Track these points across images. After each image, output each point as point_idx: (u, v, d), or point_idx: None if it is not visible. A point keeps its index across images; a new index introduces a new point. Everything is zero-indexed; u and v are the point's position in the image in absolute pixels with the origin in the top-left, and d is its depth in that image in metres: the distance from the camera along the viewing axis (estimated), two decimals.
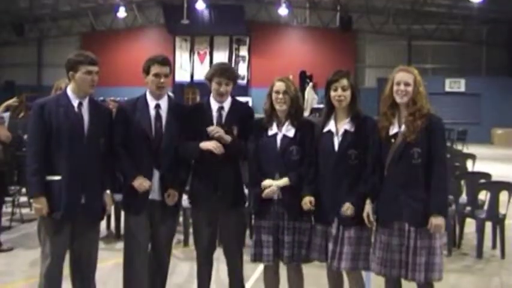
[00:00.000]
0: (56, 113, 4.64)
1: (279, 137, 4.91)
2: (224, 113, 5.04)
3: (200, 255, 5.22)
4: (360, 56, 33.97)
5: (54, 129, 4.61)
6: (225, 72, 5.03)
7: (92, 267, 4.92)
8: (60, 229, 4.66)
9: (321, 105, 10.86)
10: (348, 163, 4.72)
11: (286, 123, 4.92)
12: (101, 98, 16.51)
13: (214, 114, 5.04)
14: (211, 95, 5.09)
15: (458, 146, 21.54)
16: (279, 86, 4.90)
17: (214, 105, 5.06)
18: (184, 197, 5.36)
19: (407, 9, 30.52)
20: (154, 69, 4.92)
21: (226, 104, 5.07)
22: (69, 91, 4.75)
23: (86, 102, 4.75)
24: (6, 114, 8.64)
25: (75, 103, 4.70)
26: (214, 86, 5.02)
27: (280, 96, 4.87)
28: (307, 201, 4.75)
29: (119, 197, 5.27)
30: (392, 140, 4.60)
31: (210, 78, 5.04)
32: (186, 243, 7.94)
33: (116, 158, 4.94)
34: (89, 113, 4.73)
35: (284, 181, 4.81)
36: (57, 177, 4.62)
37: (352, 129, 4.76)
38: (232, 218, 5.13)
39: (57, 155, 4.63)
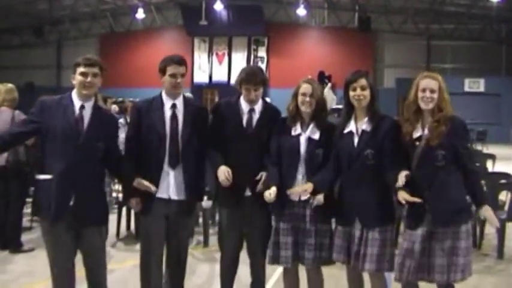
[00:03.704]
0: (55, 111, 4.56)
1: (303, 138, 4.89)
2: (255, 117, 5.06)
3: (226, 256, 5.22)
4: (379, 56, 33.88)
5: (50, 127, 4.52)
6: (252, 78, 4.98)
7: (99, 275, 4.80)
8: (57, 233, 4.55)
9: (340, 106, 10.79)
10: (365, 163, 4.68)
11: (311, 125, 4.91)
12: (120, 99, 16.52)
13: (245, 116, 5.06)
14: (242, 96, 5.09)
15: (478, 146, 21.43)
16: (306, 88, 4.88)
17: (245, 107, 5.07)
18: (204, 197, 5.35)
19: (426, 8, 30.37)
20: (171, 69, 4.90)
21: (258, 108, 5.09)
22: (73, 93, 4.67)
23: (89, 106, 4.64)
24: None
25: (77, 105, 4.61)
26: (244, 92, 5.03)
27: (307, 99, 4.85)
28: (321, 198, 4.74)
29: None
30: (417, 143, 4.58)
31: (239, 84, 5.05)
32: (206, 244, 7.97)
33: (124, 158, 4.95)
34: (91, 116, 4.62)
35: (309, 186, 4.73)
36: (48, 176, 4.53)
37: (369, 129, 4.72)
38: (260, 219, 5.10)
39: (50, 153, 4.54)
